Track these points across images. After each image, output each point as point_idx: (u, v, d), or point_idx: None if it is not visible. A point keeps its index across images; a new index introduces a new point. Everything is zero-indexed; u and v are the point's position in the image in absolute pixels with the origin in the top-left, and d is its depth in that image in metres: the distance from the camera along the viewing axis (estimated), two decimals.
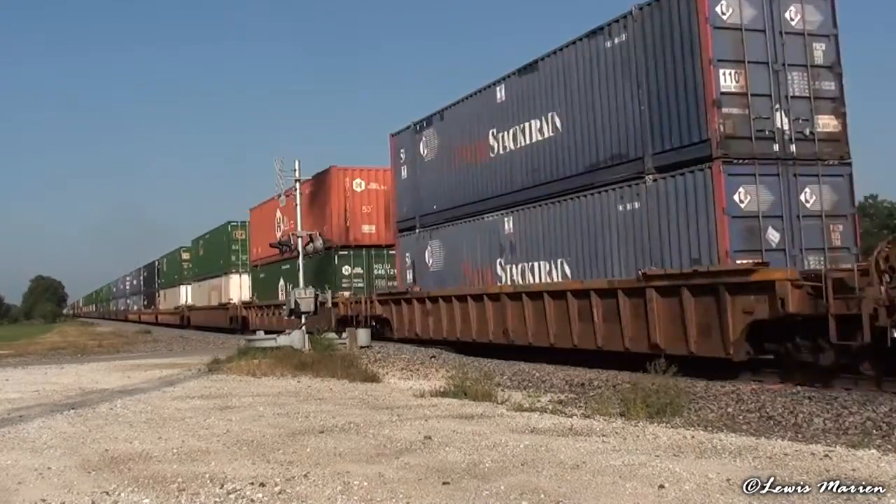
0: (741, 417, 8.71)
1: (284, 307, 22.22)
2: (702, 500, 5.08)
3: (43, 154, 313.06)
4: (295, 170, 22.49)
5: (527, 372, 13.82)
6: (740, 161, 12.10)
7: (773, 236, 12.19)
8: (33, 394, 12.83)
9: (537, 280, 16.24)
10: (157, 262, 62.77)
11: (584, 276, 14.76)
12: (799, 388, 10.50)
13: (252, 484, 5.83)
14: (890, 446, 6.85)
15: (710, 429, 7.76)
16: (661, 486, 5.40)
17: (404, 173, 22.81)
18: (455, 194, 19.76)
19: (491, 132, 18.06)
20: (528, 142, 16.76)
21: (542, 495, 5.28)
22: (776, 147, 12.36)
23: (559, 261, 15.54)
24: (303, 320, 20.41)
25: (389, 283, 25.51)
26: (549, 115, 15.99)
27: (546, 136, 16.12)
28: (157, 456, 7.08)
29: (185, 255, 52.21)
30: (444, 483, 5.70)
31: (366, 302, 24.14)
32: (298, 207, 22.60)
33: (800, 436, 7.55)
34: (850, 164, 12.85)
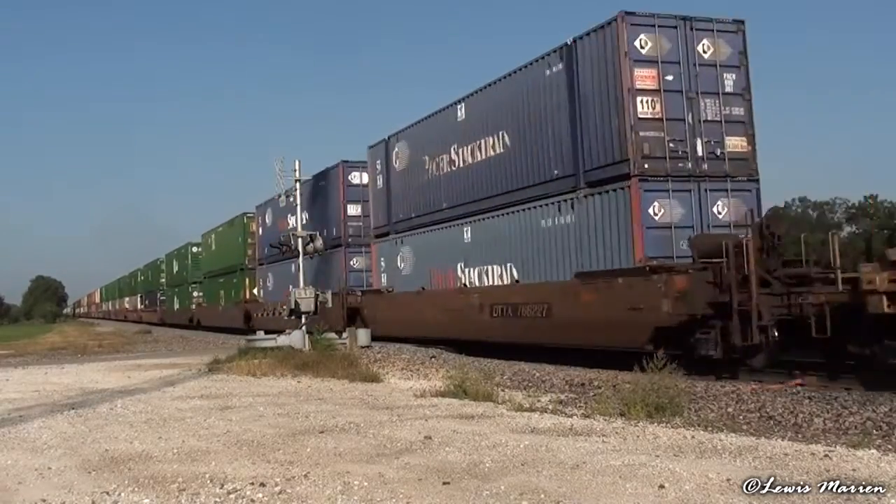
0: (741, 417, 8.72)
1: (285, 307, 22.19)
2: (702, 500, 5.08)
3: (43, 154, 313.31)
4: (295, 170, 22.50)
5: (527, 372, 13.83)
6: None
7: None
8: (33, 394, 12.83)
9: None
10: None
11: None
12: (799, 388, 10.51)
13: (252, 484, 5.83)
14: (890, 446, 6.85)
15: (710, 429, 7.75)
16: (662, 486, 5.40)
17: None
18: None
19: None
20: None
21: (543, 495, 5.28)
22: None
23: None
24: (303, 320, 20.39)
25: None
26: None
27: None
28: (157, 456, 7.08)
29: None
30: (444, 483, 5.70)
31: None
32: (298, 207, 22.62)
33: (800, 436, 7.56)
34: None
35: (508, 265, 17.34)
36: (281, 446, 7.33)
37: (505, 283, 17.46)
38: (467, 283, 18.97)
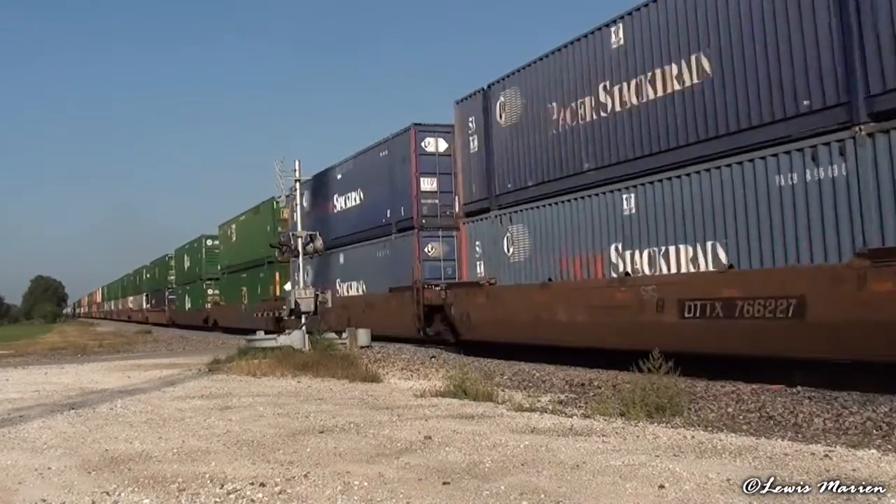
0: (741, 417, 8.71)
1: (285, 307, 22.12)
2: (702, 500, 5.08)
3: (43, 154, 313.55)
4: (295, 170, 22.49)
5: (527, 372, 13.83)
6: None
7: None
8: (33, 394, 12.83)
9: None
10: None
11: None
12: (799, 388, 10.50)
13: (252, 484, 5.83)
14: (890, 446, 6.85)
15: (710, 429, 7.76)
16: (662, 486, 5.40)
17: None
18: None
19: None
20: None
21: (543, 495, 5.28)
22: None
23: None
24: (303, 320, 20.38)
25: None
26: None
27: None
28: (157, 456, 7.09)
29: None
30: (444, 483, 5.70)
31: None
32: (299, 207, 22.62)
33: (800, 436, 7.55)
34: None
35: (709, 244, 12.10)
36: (281, 446, 7.33)
37: (703, 269, 12.21)
38: (629, 271, 13.65)
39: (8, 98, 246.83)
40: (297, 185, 22.65)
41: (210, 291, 45.03)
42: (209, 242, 45.88)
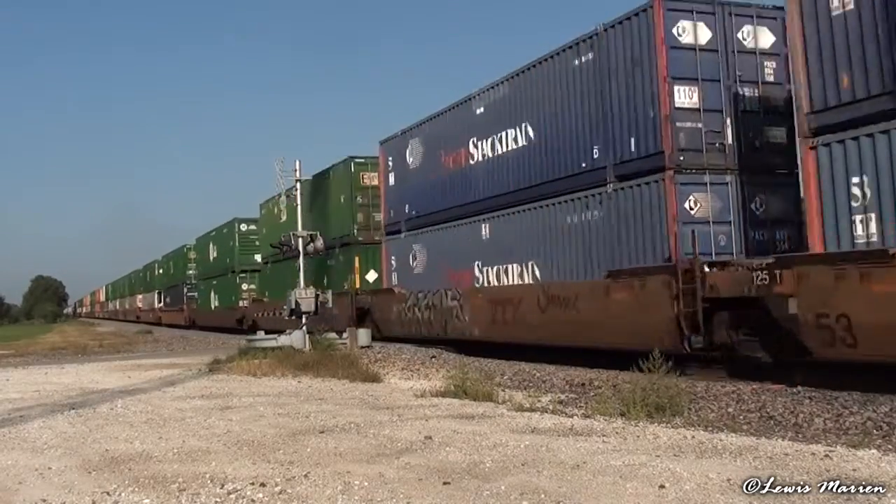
0: (742, 417, 8.71)
1: (285, 307, 21.97)
2: (702, 500, 5.08)
3: (43, 154, 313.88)
4: (295, 170, 22.42)
5: (527, 372, 13.83)
6: None
7: None
8: (34, 394, 12.83)
9: None
10: None
11: None
12: (799, 388, 10.50)
13: (252, 484, 5.83)
14: (890, 446, 6.85)
15: (710, 429, 7.75)
16: (662, 486, 5.40)
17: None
18: None
19: None
20: None
21: (543, 495, 5.28)
22: None
23: None
24: (303, 320, 20.32)
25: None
26: None
27: None
28: (157, 456, 7.09)
29: None
30: (444, 483, 5.70)
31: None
32: (298, 207, 22.54)
33: (800, 436, 7.55)
34: None
35: None
36: (281, 446, 7.33)
37: None
38: None
39: (8, 98, 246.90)
40: (298, 185, 22.53)
41: (245, 286, 37.25)
42: (243, 227, 38.01)
